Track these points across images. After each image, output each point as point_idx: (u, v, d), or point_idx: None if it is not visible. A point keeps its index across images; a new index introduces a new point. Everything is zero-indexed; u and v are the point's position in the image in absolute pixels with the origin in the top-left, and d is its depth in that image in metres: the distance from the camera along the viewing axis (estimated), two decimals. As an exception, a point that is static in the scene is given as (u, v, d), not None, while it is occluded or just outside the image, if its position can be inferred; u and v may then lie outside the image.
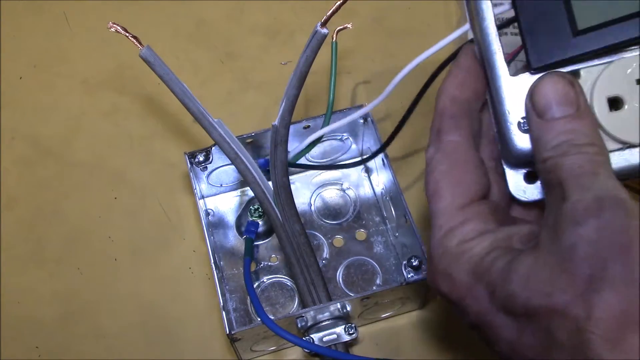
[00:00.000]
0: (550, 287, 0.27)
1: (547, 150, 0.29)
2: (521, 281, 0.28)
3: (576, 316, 0.26)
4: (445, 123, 0.33)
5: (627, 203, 0.27)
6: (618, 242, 0.26)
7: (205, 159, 0.45)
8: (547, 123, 0.29)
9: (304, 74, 0.39)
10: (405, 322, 0.45)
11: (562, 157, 0.28)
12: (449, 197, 0.32)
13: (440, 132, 0.33)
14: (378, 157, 0.47)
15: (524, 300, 0.28)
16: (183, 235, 0.48)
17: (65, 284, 0.47)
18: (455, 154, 0.33)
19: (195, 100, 0.40)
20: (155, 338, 0.45)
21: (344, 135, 0.48)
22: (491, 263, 0.30)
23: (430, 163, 0.33)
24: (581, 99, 0.29)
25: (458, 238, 0.31)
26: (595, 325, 0.25)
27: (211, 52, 0.56)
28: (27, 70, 0.56)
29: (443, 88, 0.34)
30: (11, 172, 0.51)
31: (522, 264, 0.28)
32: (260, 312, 0.38)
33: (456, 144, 0.33)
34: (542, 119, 0.29)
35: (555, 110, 0.29)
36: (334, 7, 0.36)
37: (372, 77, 0.54)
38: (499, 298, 0.29)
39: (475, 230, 0.31)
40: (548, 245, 0.28)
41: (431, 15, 0.57)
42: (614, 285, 0.26)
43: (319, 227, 0.48)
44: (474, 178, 0.32)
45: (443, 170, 0.33)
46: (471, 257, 0.31)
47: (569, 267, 0.27)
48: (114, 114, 0.54)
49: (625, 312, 0.25)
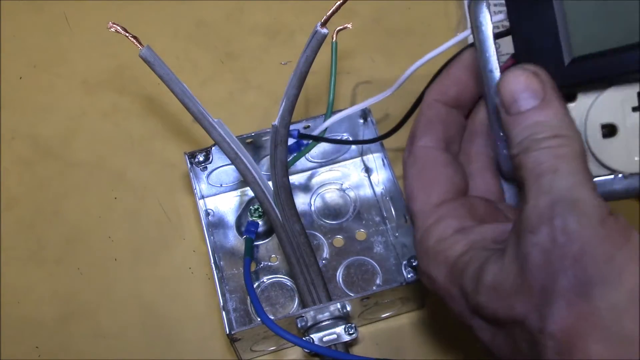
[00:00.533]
0: (512, 298, 0.27)
1: (514, 146, 0.29)
2: (488, 293, 0.28)
3: (532, 328, 0.26)
4: (419, 129, 0.35)
5: (582, 205, 0.26)
6: (568, 252, 0.26)
7: (205, 159, 0.45)
8: (512, 118, 0.29)
9: (304, 74, 0.39)
10: (405, 322, 0.45)
11: (525, 153, 0.28)
12: (422, 197, 0.33)
13: (413, 137, 0.35)
14: (378, 157, 0.47)
15: (492, 311, 0.28)
16: (183, 235, 0.48)
17: (65, 284, 0.47)
18: (425, 157, 0.34)
19: (195, 100, 0.40)
20: (155, 338, 0.45)
21: (343, 136, 0.48)
22: (464, 266, 0.30)
23: (404, 167, 0.35)
24: (547, 88, 0.29)
25: (435, 237, 0.32)
26: (548, 338, 0.26)
27: (211, 52, 0.56)
28: (27, 70, 0.56)
29: (426, 94, 0.35)
30: (11, 172, 0.51)
31: (489, 273, 0.28)
32: (260, 312, 0.38)
33: (426, 148, 0.34)
34: (509, 115, 0.29)
35: (520, 103, 0.29)
36: (334, 7, 0.36)
37: (372, 77, 0.54)
38: (471, 306, 0.30)
39: (450, 228, 0.32)
40: (511, 252, 0.28)
41: (431, 15, 0.57)
42: (564, 298, 0.26)
43: (319, 227, 0.48)
44: (445, 178, 0.33)
45: (415, 173, 0.34)
46: (447, 257, 0.31)
47: (526, 277, 0.27)
48: (114, 114, 0.54)
49: (575, 324, 0.25)
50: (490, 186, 0.35)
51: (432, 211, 0.33)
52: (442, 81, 0.35)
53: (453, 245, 0.31)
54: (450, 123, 0.35)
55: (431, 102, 0.35)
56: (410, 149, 0.34)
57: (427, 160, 0.34)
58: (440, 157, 0.34)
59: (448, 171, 0.34)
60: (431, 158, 0.34)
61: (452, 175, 0.34)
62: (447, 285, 0.31)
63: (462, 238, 0.31)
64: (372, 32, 0.56)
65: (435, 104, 0.35)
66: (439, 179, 0.33)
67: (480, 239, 0.31)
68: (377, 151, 0.46)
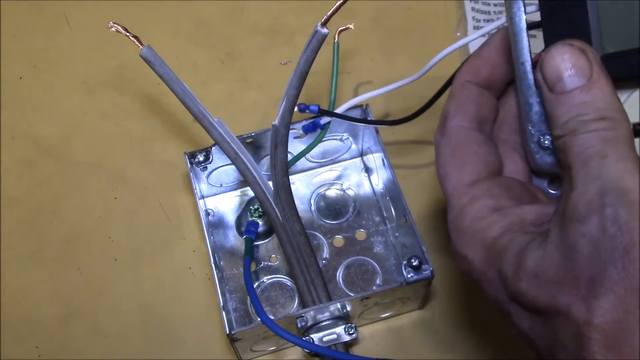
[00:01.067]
0: (555, 287, 0.27)
1: (558, 127, 0.28)
2: (529, 279, 0.28)
3: (577, 319, 0.26)
4: (451, 109, 0.34)
5: (632, 195, 0.25)
6: (619, 244, 0.25)
7: (205, 159, 0.45)
8: (557, 97, 0.28)
9: (304, 73, 0.39)
10: (405, 322, 0.45)
11: (571, 136, 0.27)
12: (456, 177, 0.32)
13: (445, 117, 0.34)
14: (378, 157, 0.47)
15: (532, 298, 0.28)
16: (183, 235, 0.48)
17: (65, 284, 0.47)
18: (458, 136, 0.33)
19: (195, 100, 0.40)
20: (155, 338, 0.45)
21: (343, 135, 0.48)
22: (503, 249, 0.29)
23: (437, 148, 0.34)
24: (594, 67, 0.28)
25: (470, 216, 0.31)
26: (594, 331, 0.25)
27: (211, 52, 0.56)
28: (27, 70, 0.56)
29: (457, 75, 0.35)
30: (11, 172, 0.51)
31: (531, 259, 0.28)
32: (260, 312, 0.38)
33: (459, 127, 0.33)
34: (553, 93, 0.28)
35: (565, 82, 0.28)
36: (334, 7, 0.36)
37: (372, 77, 0.54)
38: (510, 292, 0.29)
39: (486, 207, 0.31)
40: (555, 239, 0.27)
41: (431, 15, 0.57)
42: (613, 291, 0.25)
43: (319, 227, 0.48)
44: (479, 157, 0.33)
45: (448, 153, 0.33)
46: (484, 238, 0.30)
47: (572, 267, 0.26)
48: (114, 114, 0.54)
49: (623, 318, 0.25)
50: (520, 169, 0.34)
51: (466, 190, 0.32)
52: (474, 62, 0.34)
53: (490, 226, 0.30)
54: (482, 104, 0.34)
55: (463, 82, 0.34)
56: (443, 129, 0.34)
57: (460, 140, 0.33)
58: (474, 136, 0.33)
59: (482, 150, 0.33)
60: (465, 137, 0.33)
61: (487, 155, 0.33)
62: (483, 268, 0.30)
63: (499, 219, 0.30)
64: (372, 32, 0.56)
65: (468, 84, 0.34)
66: (473, 158, 0.33)
67: (518, 221, 0.30)
68: (377, 151, 0.46)
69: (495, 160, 0.33)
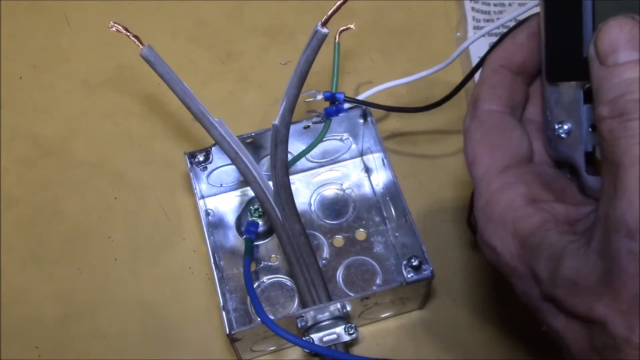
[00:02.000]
0: (593, 298, 0.26)
1: (604, 103, 0.26)
2: (566, 286, 0.27)
3: (615, 334, 0.25)
4: (482, 93, 0.33)
5: None
6: None
7: (205, 159, 0.45)
8: (607, 69, 0.26)
9: (304, 73, 0.39)
10: (405, 322, 0.45)
11: (619, 122, 0.25)
12: (487, 162, 0.31)
13: (476, 101, 0.33)
14: (378, 157, 0.47)
15: (569, 305, 0.27)
16: (183, 235, 0.48)
17: (65, 284, 0.47)
18: (490, 120, 0.32)
19: (195, 100, 0.40)
20: (155, 338, 0.45)
21: (343, 135, 0.48)
22: (536, 248, 0.28)
23: (467, 132, 0.33)
24: None
25: (502, 204, 0.30)
26: (634, 349, 0.25)
27: (211, 52, 0.56)
28: (27, 70, 0.56)
29: (489, 58, 0.34)
30: (11, 172, 0.51)
31: (568, 266, 0.27)
32: (260, 312, 0.38)
33: (491, 112, 0.32)
34: (604, 66, 0.26)
35: (619, 54, 0.26)
36: (334, 7, 0.36)
37: (372, 77, 0.54)
38: (545, 293, 0.28)
39: (519, 195, 0.30)
40: (598, 247, 0.26)
41: (431, 15, 0.57)
42: None
43: (319, 227, 0.48)
44: (511, 142, 0.32)
45: (479, 137, 0.32)
46: (517, 230, 0.29)
47: (615, 280, 0.25)
48: (114, 114, 0.54)
49: None
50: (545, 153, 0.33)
51: (497, 176, 0.31)
52: (507, 47, 0.33)
53: (524, 218, 0.29)
54: (515, 89, 0.33)
55: (496, 67, 0.33)
56: (474, 113, 0.33)
57: (492, 124, 0.32)
58: (507, 120, 0.32)
59: (515, 135, 0.32)
60: (497, 121, 0.32)
61: (519, 141, 0.32)
62: (514, 263, 0.29)
63: (533, 212, 0.29)
64: (372, 32, 0.56)
65: (501, 69, 0.33)
66: (506, 143, 0.31)
67: (552, 218, 0.29)
68: (378, 151, 0.46)
69: (527, 146, 0.32)
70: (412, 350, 0.44)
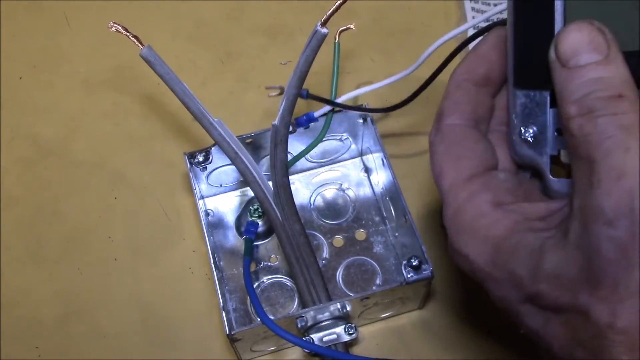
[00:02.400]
0: (576, 288, 0.26)
1: (571, 103, 0.27)
2: (549, 281, 0.27)
3: (598, 321, 0.25)
4: (446, 108, 0.33)
5: None
6: None
7: (204, 159, 0.45)
8: (570, 71, 0.27)
9: (304, 73, 0.39)
10: (405, 322, 0.45)
11: (588, 119, 0.26)
12: (452, 173, 0.32)
13: (440, 116, 0.34)
14: (377, 157, 0.47)
15: (553, 299, 0.27)
16: (183, 235, 0.48)
17: (65, 284, 0.47)
18: (453, 134, 0.33)
19: (195, 100, 0.40)
20: (155, 338, 0.45)
21: (343, 136, 0.48)
22: (513, 250, 0.29)
23: (432, 146, 0.33)
24: (612, 46, 0.27)
25: (471, 213, 0.31)
26: (618, 333, 0.25)
27: (211, 52, 0.56)
28: (27, 70, 0.56)
29: (453, 73, 0.34)
30: (11, 172, 0.51)
31: (549, 260, 0.27)
32: (260, 312, 0.38)
33: (454, 125, 0.33)
34: (566, 68, 0.27)
35: (581, 57, 0.27)
36: (334, 7, 0.36)
37: (372, 77, 0.54)
38: (526, 293, 0.28)
39: (486, 202, 0.30)
40: (575, 238, 0.26)
41: (431, 15, 0.57)
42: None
43: (319, 227, 0.48)
44: (475, 152, 0.32)
45: (443, 150, 0.33)
46: (488, 236, 0.30)
47: (593, 268, 0.25)
48: (114, 114, 0.54)
49: None
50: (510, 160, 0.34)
51: (463, 186, 0.31)
52: (470, 60, 0.34)
53: (494, 224, 0.30)
54: (479, 102, 0.34)
55: (460, 81, 0.34)
56: (438, 127, 0.33)
57: (456, 137, 0.33)
58: (470, 133, 0.33)
59: (479, 147, 0.33)
60: (460, 135, 0.33)
61: (483, 151, 0.33)
62: (489, 269, 0.30)
63: (503, 216, 0.30)
64: (372, 32, 0.56)
65: (464, 83, 0.34)
66: (470, 154, 0.32)
67: (523, 218, 0.30)
68: (377, 151, 0.46)
69: (491, 156, 0.33)
70: (412, 350, 0.44)
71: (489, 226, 0.30)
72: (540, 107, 0.32)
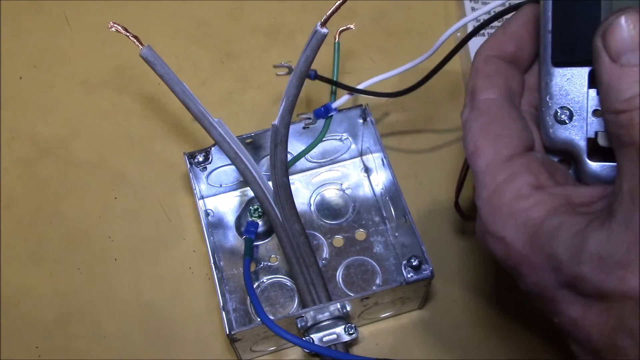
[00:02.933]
0: (625, 270, 0.25)
1: (621, 101, 0.26)
2: (593, 262, 0.26)
3: None
4: (478, 82, 0.32)
5: None
6: None
7: (204, 159, 0.45)
8: (622, 69, 0.26)
9: (304, 73, 0.39)
10: (405, 322, 0.45)
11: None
12: (490, 152, 0.31)
13: (474, 92, 0.32)
14: (378, 157, 0.47)
15: (596, 282, 0.26)
16: (183, 235, 0.48)
17: (65, 284, 0.47)
18: (491, 110, 0.31)
19: (195, 100, 0.40)
20: (155, 338, 0.45)
21: (343, 135, 0.48)
22: (555, 232, 0.28)
23: (466, 123, 0.32)
24: None
25: (510, 195, 0.29)
26: None
27: (211, 52, 0.56)
28: (27, 70, 0.56)
29: (478, 49, 0.33)
30: (11, 172, 0.51)
31: (594, 240, 0.26)
32: (260, 312, 0.38)
33: (491, 101, 0.32)
34: (616, 64, 0.26)
35: (632, 55, 0.26)
36: (333, 7, 0.36)
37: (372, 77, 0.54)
38: (565, 276, 0.27)
39: (528, 185, 0.29)
40: (623, 218, 0.26)
41: (431, 15, 0.57)
42: None
43: (319, 227, 0.48)
44: (514, 131, 0.31)
45: (479, 127, 0.31)
46: (527, 220, 0.29)
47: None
48: (114, 114, 0.54)
49: None
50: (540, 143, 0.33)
51: (503, 166, 0.30)
52: (498, 37, 0.33)
53: (536, 206, 0.29)
54: (511, 76, 0.32)
55: (487, 56, 0.33)
56: (473, 104, 0.32)
57: (494, 113, 0.31)
58: (508, 110, 0.31)
59: (517, 125, 0.31)
60: (498, 111, 0.31)
61: (522, 129, 0.31)
62: (526, 251, 0.29)
63: (544, 199, 0.29)
64: (372, 32, 0.56)
65: (493, 58, 0.32)
66: (509, 133, 0.31)
67: (566, 202, 0.29)
68: (377, 151, 0.46)
69: (529, 135, 0.32)
70: (412, 350, 0.44)
71: (529, 209, 0.29)
72: (578, 88, 0.30)
